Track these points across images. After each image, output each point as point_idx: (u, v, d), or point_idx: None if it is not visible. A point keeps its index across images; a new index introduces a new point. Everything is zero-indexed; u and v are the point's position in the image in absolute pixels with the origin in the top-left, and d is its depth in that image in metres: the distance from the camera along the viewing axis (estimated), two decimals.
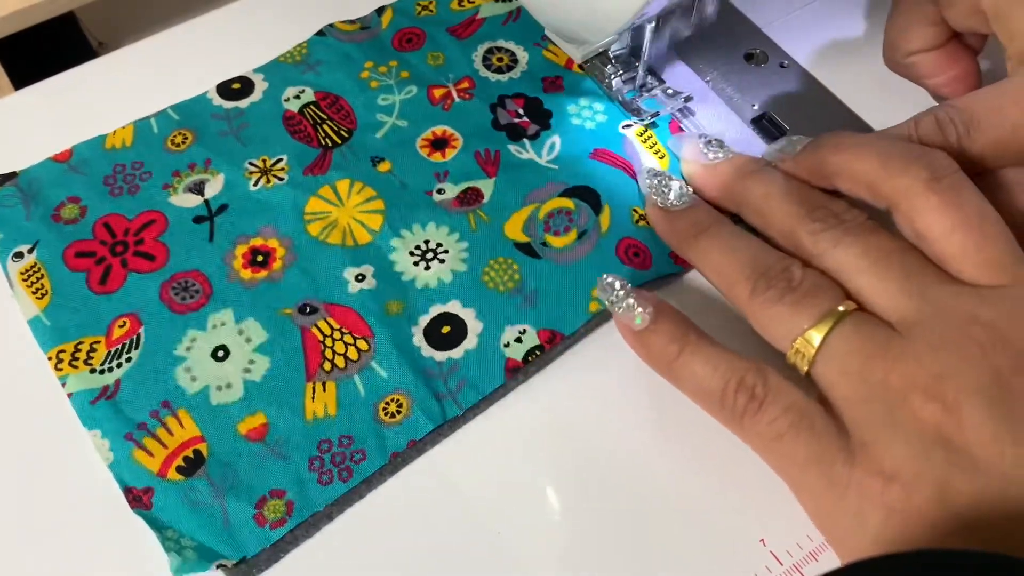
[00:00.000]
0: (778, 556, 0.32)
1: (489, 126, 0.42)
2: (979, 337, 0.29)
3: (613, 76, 0.43)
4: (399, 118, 0.42)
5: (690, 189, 0.38)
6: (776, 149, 0.37)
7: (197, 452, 0.34)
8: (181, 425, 0.34)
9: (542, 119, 0.42)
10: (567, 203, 0.40)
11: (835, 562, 0.31)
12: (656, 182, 0.38)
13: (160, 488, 0.33)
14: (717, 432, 0.33)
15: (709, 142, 0.38)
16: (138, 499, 0.33)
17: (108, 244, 0.38)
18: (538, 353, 0.36)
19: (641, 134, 0.42)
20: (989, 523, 0.27)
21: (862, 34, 0.45)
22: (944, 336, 0.29)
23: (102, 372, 0.35)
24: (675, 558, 0.32)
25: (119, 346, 0.36)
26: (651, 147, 0.42)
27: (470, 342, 0.36)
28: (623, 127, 0.42)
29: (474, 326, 0.37)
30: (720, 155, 0.38)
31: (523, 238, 0.39)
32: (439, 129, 0.42)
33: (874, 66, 0.42)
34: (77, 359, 0.35)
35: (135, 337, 0.36)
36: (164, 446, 0.34)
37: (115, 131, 0.41)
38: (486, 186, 0.40)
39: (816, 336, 0.31)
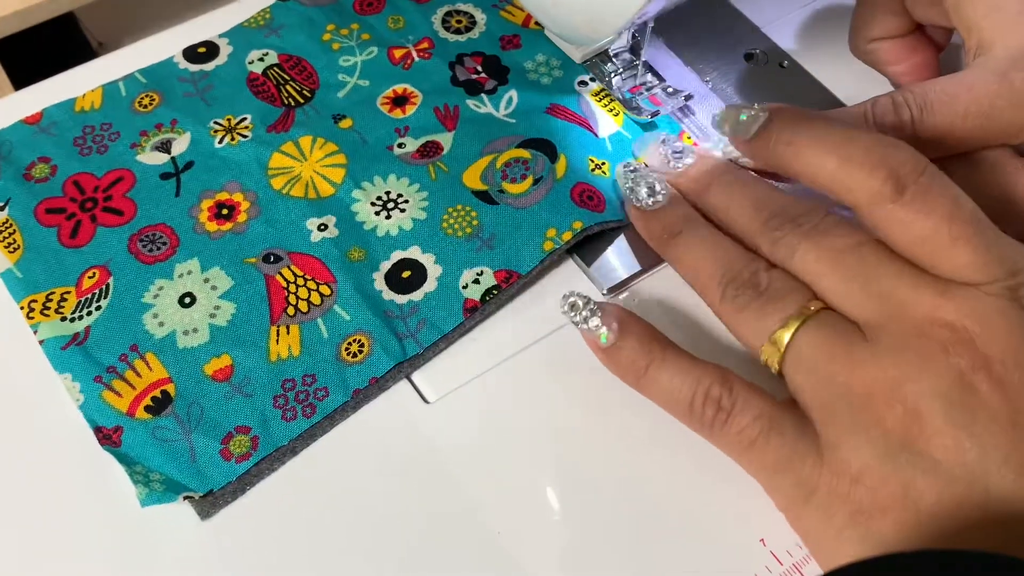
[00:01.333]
0: (778, 556, 0.32)
1: (448, 82, 0.43)
2: (940, 336, 0.29)
3: (613, 75, 0.43)
4: (360, 78, 0.43)
5: (662, 186, 0.38)
6: (730, 127, 0.35)
7: (165, 392, 0.35)
8: (149, 367, 0.35)
9: (500, 75, 0.43)
10: (524, 153, 0.41)
11: None
12: (629, 182, 0.38)
13: (129, 426, 0.34)
14: None
15: (674, 151, 0.38)
16: (107, 437, 0.34)
17: (78, 201, 0.39)
18: (495, 292, 0.37)
19: (596, 94, 0.43)
20: (952, 525, 0.28)
21: None
22: (905, 338, 0.29)
23: (72, 320, 0.36)
24: (675, 558, 0.32)
25: (89, 296, 0.37)
26: (606, 107, 0.43)
27: (430, 285, 0.38)
28: (579, 84, 0.43)
29: (434, 270, 0.38)
30: (681, 165, 0.38)
31: (481, 186, 0.40)
32: (399, 87, 0.43)
33: None
34: (48, 308, 0.37)
35: (104, 287, 0.37)
36: (132, 387, 0.35)
37: (84, 94, 0.42)
38: (445, 139, 0.41)
39: (782, 338, 0.31)
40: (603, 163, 0.41)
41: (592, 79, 0.43)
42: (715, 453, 0.33)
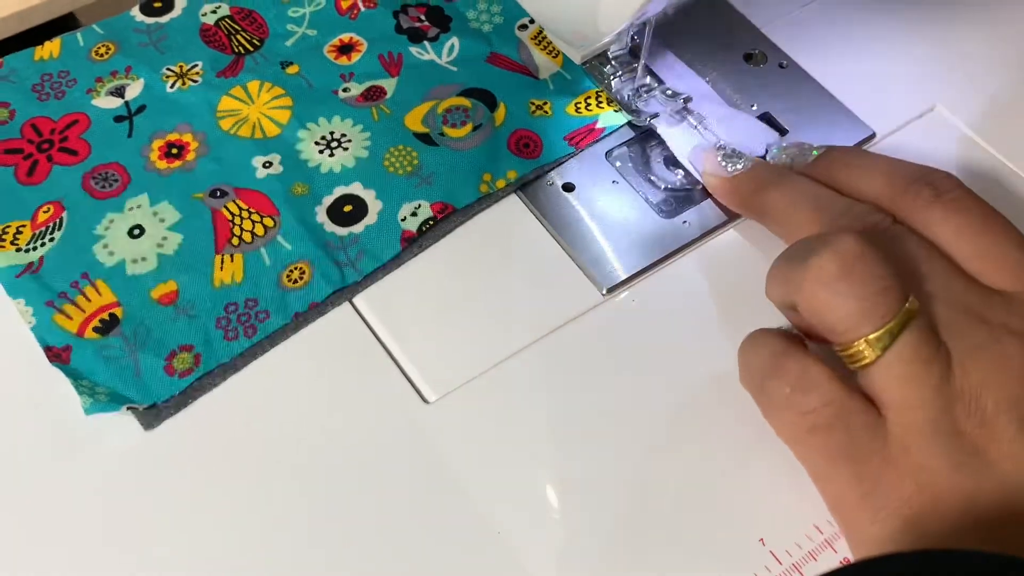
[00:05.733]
0: (778, 556, 0.32)
1: (392, 30, 0.45)
2: (1012, 348, 0.30)
3: (612, 77, 0.43)
4: (308, 28, 0.45)
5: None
6: (787, 157, 0.39)
7: (113, 315, 0.37)
8: (99, 293, 0.37)
9: (442, 23, 0.45)
10: (464, 102, 0.43)
11: (834, 561, 0.32)
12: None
13: (78, 345, 0.36)
14: (718, 432, 0.34)
15: (728, 154, 0.39)
16: (57, 355, 0.36)
17: (35, 142, 0.41)
18: (431, 223, 0.39)
19: (535, 36, 0.45)
20: (1014, 539, 0.28)
21: (861, 34, 0.45)
22: (983, 347, 0.30)
23: (27, 251, 0.38)
24: (675, 557, 0.32)
25: (43, 228, 0.39)
26: (545, 49, 0.45)
27: (370, 219, 0.39)
28: (519, 28, 0.45)
29: (374, 205, 0.40)
30: (739, 166, 0.38)
31: (422, 128, 0.42)
32: (346, 36, 0.45)
33: (873, 66, 0.43)
34: (4, 240, 0.38)
35: (58, 221, 0.39)
36: (82, 311, 0.37)
37: (44, 44, 0.44)
38: (389, 84, 0.43)
39: (880, 342, 0.30)
40: (544, 103, 0.43)
41: (532, 21, 0.45)
42: (714, 453, 0.34)
